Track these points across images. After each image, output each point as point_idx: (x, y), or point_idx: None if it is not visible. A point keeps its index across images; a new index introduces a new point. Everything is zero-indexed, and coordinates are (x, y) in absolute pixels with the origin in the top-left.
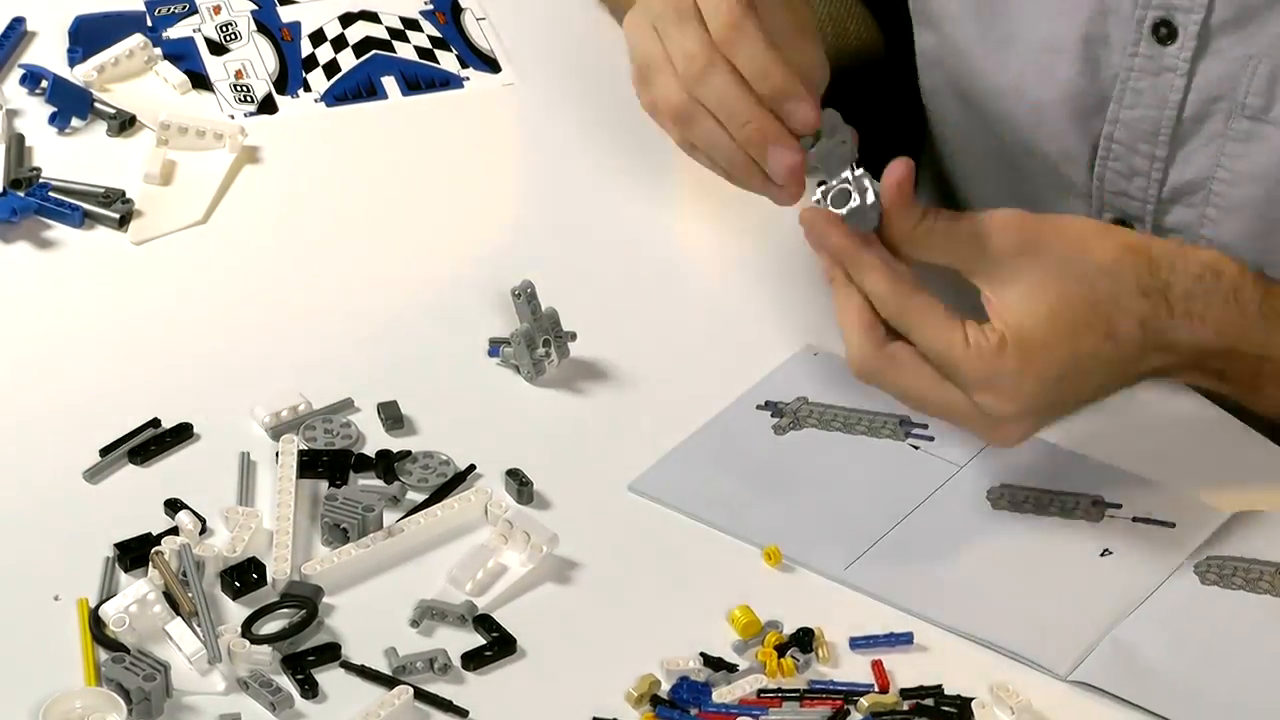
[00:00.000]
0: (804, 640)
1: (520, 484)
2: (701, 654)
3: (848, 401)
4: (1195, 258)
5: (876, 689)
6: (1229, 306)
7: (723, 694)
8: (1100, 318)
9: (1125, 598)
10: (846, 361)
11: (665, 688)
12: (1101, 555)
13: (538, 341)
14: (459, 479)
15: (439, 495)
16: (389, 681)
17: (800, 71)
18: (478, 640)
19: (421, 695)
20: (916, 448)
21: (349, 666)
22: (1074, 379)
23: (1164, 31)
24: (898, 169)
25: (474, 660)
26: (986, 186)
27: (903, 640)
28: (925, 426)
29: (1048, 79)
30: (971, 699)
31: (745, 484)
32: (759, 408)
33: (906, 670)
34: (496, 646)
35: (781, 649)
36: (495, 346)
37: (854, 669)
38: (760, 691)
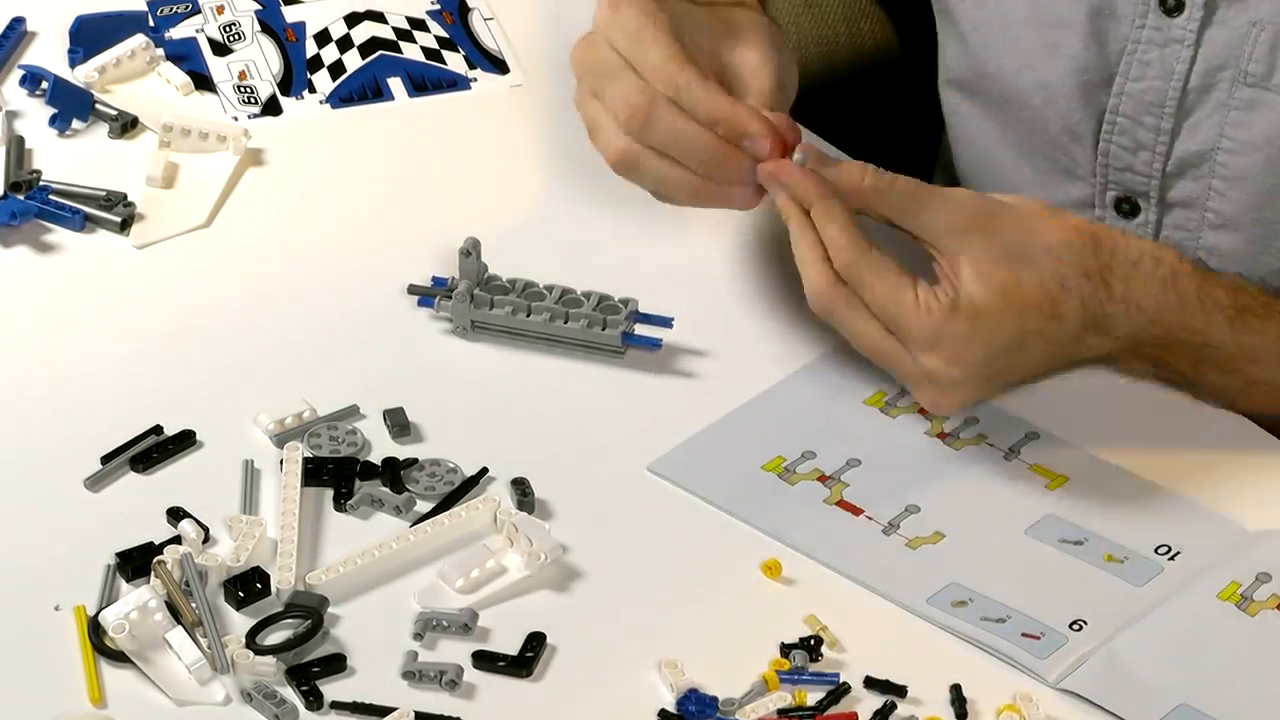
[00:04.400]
0: (813, 648)
1: (523, 494)
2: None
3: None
4: (1136, 245)
5: None
6: (1167, 293)
7: (746, 713)
8: (1047, 297)
9: (1127, 610)
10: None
11: (665, 696)
12: (1107, 560)
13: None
14: (469, 485)
15: (447, 503)
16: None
17: (748, 92)
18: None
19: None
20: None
21: (340, 705)
22: (1017, 354)
23: (1171, 3)
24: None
25: (484, 660)
26: (990, 179)
27: (828, 680)
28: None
29: (1056, 55)
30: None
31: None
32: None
33: (901, 667)
34: (510, 663)
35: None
36: (428, 297)
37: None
38: (781, 712)
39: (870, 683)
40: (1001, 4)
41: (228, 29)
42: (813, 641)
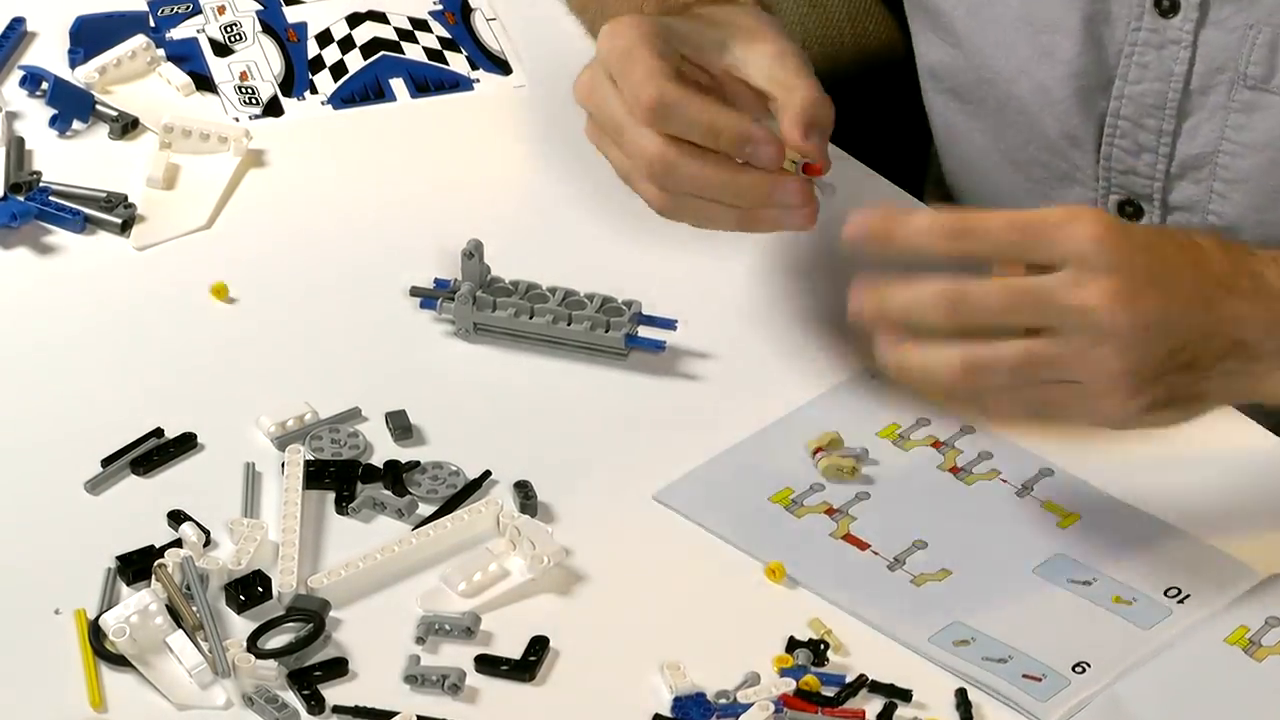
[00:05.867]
0: (820, 652)
1: (525, 497)
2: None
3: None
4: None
5: None
6: None
7: (748, 695)
8: (1180, 230)
9: (1132, 653)
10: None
11: (667, 700)
12: (1115, 602)
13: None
14: (472, 488)
15: (449, 506)
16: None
17: (787, 91)
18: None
19: None
20: None
21: (342, 709)
22: (1164, 274)
23: (1166, 4)
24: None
25: (487, 664)
26: (985, 188)
27: (834, 680)
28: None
29: (1051, 60)
30: None
31: (771, 509)
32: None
33: (905, 670)
34: (512, 667)
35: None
36: (431, 299)
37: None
38: (796, 693)
39: (875, 686)
40: (993, 9)
41: (229, 29)
42: (821, 646)
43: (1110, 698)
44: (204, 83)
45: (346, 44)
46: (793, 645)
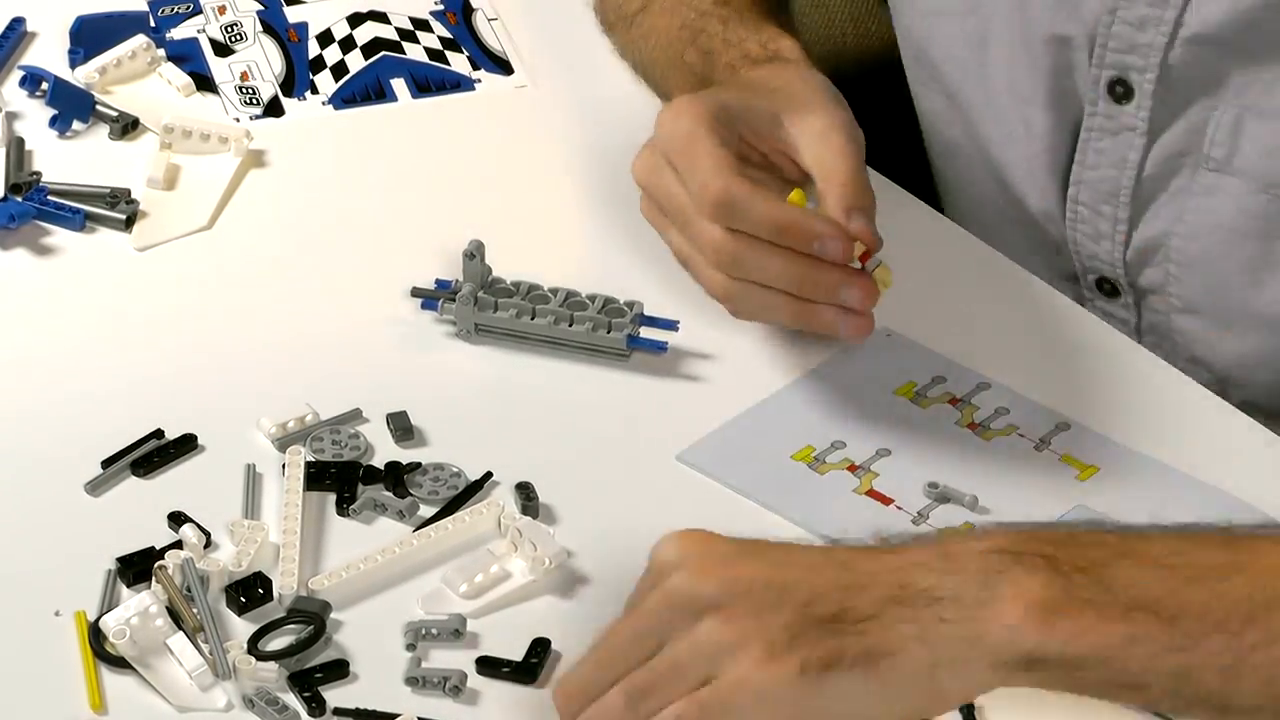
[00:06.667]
0: None
1: (527, 498)
2: None
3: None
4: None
5: None
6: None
7: None
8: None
9: None
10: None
11: None
12: None
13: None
14: (473, 489)
15: (451, 508)
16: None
17: (827, 158)
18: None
19: None
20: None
21: (343, 711)
22: (761, 551)
23: (1120, 90)
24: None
25: (488, 667)
26: (988, 237)
27: None
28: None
29: (1030, 134)
30: None
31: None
32: None
33: None
34: (514, 669)
35: None
36: (432, 300)
37: None
38: None
39: None
40: (984, 72)
41: (229, 29)
42: None
43: None
44: (204, 83)
45: (347, 44)
46: None
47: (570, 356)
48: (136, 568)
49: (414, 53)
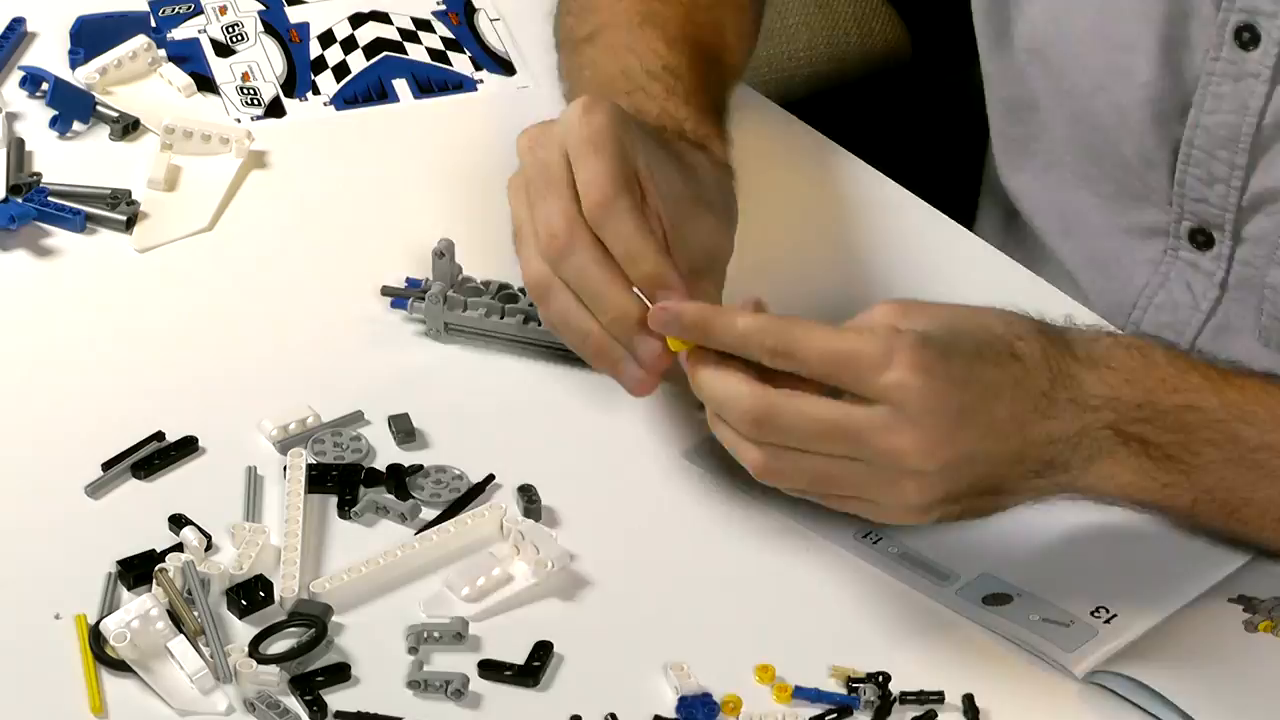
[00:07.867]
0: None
1: (529, 501)
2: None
3: None
4: (1081, 327)
5: None
6: (1133, 357)
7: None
8: (1002, 341)
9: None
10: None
11: (672, 702)
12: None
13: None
14: (475, 492)
15: (452, 511)
16: None
17: (692, 250)
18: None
19: None
20: None
21: (344, 715)
22: (984, 399)
23: (1246, 36)
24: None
25: (491, 670)
26: (1055, 202)
27: (840, 700)
28: None
29: (1128, 80)
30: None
31: None
32: None
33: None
34: (516, 672)
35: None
36: (401, 299)
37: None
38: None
39: (905, 698)
40: (1071, 20)
41: (230, 30)
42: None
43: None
44: (205, 83)
45: (349, 44)
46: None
47: (571, 358)
48: (137, 570)
49: (416, 53)
